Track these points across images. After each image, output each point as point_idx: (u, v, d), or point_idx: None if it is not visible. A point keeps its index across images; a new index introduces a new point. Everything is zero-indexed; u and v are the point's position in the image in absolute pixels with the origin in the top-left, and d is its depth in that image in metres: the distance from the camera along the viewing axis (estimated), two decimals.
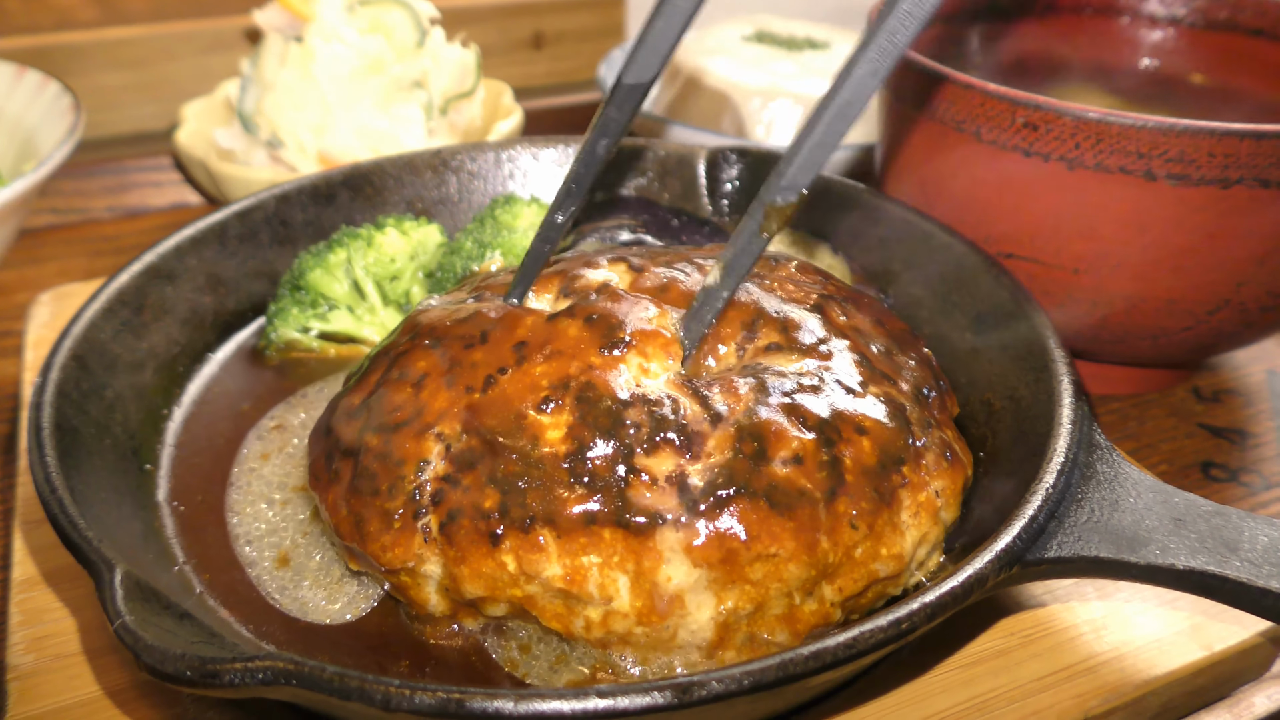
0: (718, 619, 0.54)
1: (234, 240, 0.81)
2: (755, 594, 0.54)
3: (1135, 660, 0.60)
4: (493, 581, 0.55)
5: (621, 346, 0.59)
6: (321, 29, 1.11)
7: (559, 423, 0.56)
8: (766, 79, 1.30)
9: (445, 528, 0.55)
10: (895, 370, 0.64)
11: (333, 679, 0.44)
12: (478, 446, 0.56)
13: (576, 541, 0.54)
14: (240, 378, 0.78)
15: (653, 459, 0.55)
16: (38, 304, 0.90)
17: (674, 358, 0.60)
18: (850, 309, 0.68)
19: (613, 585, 0.54)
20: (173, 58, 1.43)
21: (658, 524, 0.53)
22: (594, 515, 0.54)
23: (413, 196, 0.90)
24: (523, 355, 0.59)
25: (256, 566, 0.62)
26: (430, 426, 0.58)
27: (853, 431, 0.58)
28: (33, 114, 1.13)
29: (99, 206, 1.25)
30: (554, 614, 0.55)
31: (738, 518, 0.53)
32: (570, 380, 0.58)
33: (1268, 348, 0.98)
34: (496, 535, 0.54)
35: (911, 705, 0.58)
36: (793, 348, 0.63)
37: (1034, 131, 0.73)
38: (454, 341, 0.62)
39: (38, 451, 0.58)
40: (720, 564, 0.53)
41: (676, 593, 0.53)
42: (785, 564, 0.54)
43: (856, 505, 0.56)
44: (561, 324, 0.61)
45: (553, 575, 0.54)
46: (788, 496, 0.54)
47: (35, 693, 0.57)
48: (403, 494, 0.57)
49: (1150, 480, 0.57)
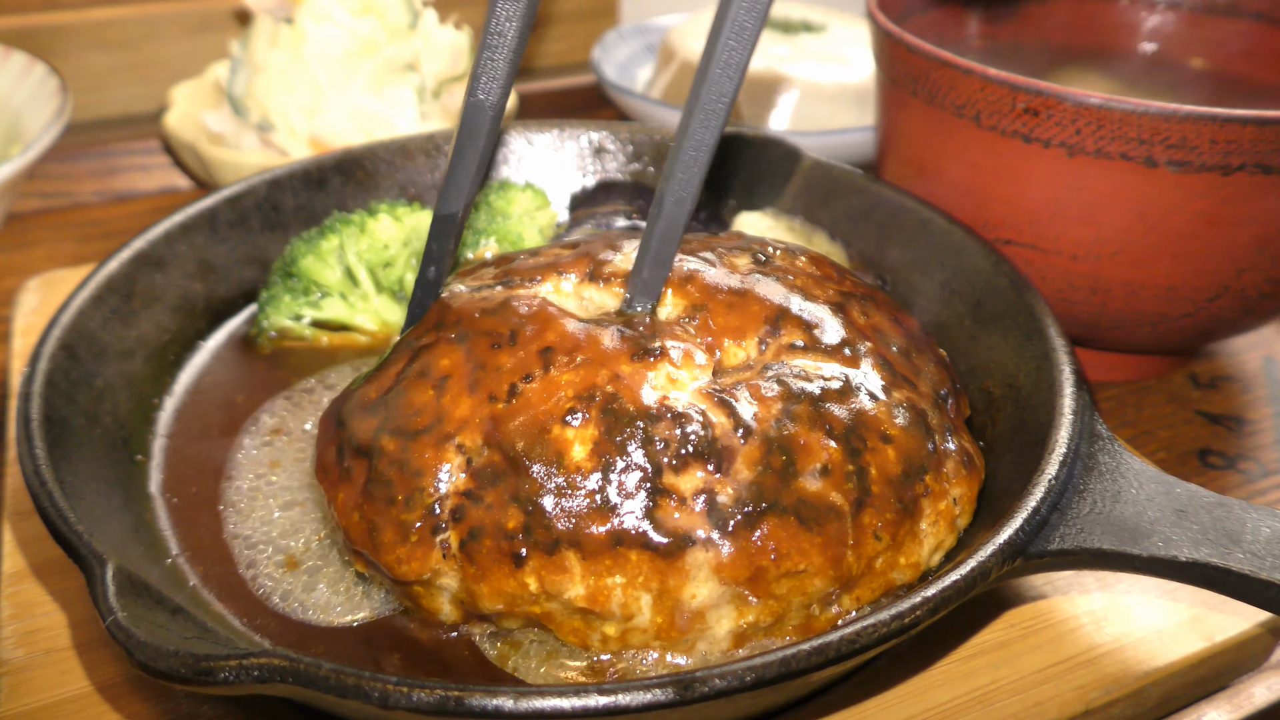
0: (736, 631, 0.54)
1: (225, 226, 0.80)
2: (777, 608, 0.53)
3: (1136, 651, 0.60)
4: (512, 599, 0.54)
5: (654, 355, 0.58)
6: (312, 10, 1.10)
7: (584, 437, 0.54)
8: (762, 62, 1.28)
9: (466, 545, 0.54)
10: (915, 373, 0.63)
11: (329, 676, 0.44)
12: (500, 462, 0.55)
13: (602, 563, 0.52)
14: (232, 366, 0.77)
15: (681, 477, 0.54)
16: (25, 290, 0.89)
17: (703, 370, 0.59)
18: (870, 307, 0.66)
19: (635, 604, 0.53)
20: (161, 39, 1.41)
21: (686, 545, 0.52)
22: (621, 536, 0.52)
23: (406, 181, 0.89)
24: (549, 361, 0.58)
25: (251, 559, 0.61)
26: (451, 437, 0.56)
27: (878, 440, 0.57)
28: (19, 96, 1.11)
29: (86, 190, 1.24)
30: (571, 629, 0.54)
31: (769, 536, 0.52)
32: (596, 391, 0.56)
33: (1265, 334, 0.98)
34: (520, 556, 0.53)
35: (912, 698, 0.57)
36: (816, 348, 0.61)
37: (1034, 117, 0.73)
38: (480, 339, 0.60)
39: (26, 443, 0.57)
40: (748, 581, 0.52)
41: (699, 610, 0.53)
42: (811, 579, 0.53)
43: (882, 517, 0.55)
44: (592, 333, 0.59)
45: (575, 595, 0.53)
46: (817, 511, 0.54)
47: (26, 688, 0.56)
48: (421, 506, 0.55)
49: (1152, 471, 0.57)
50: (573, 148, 0.92)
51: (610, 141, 0.92)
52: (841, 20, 1.42)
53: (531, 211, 0.86)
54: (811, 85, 1.26)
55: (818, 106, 1.26)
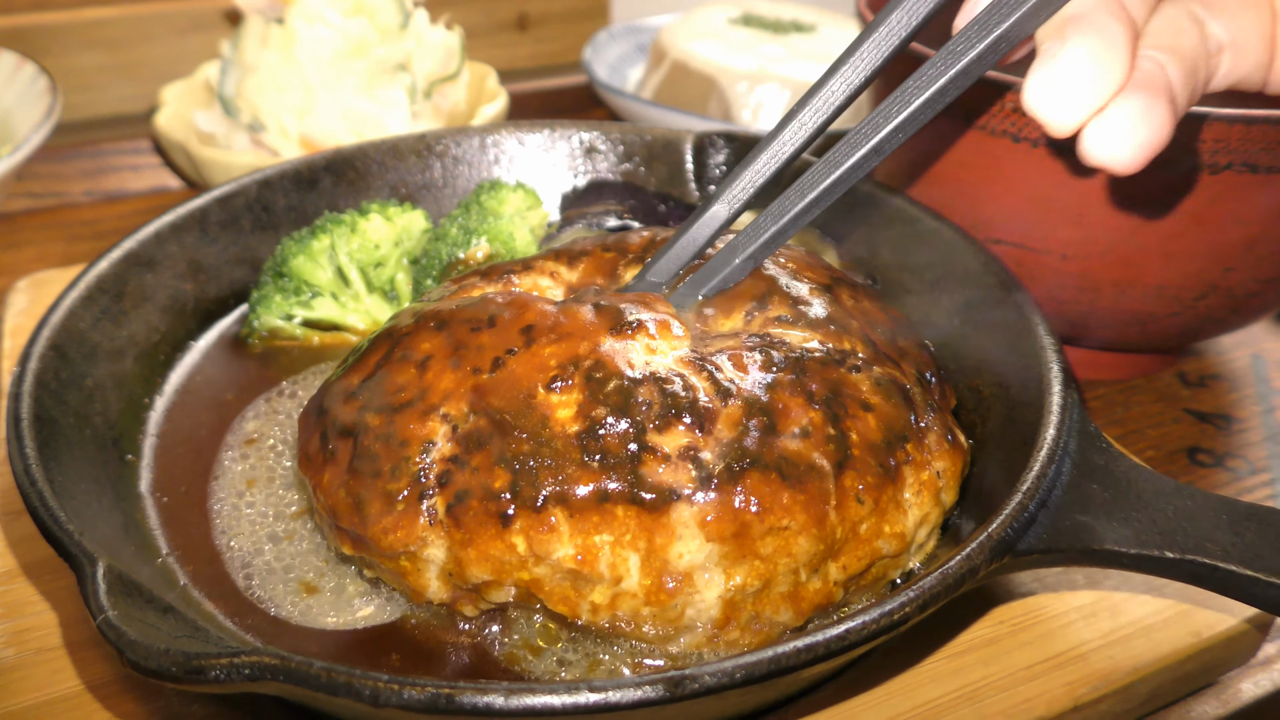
0: (725, 596, 0.54)
1: (215, 226, 0.80)
2: (764, 570, 0.54)
3: (1124, 647, 0.61)
4: (500, 564, 0.54)
5: (631, 328, 0.59)
6: (303, 10, 1.10)
7: (569, 401, 0.56)
8: (753, 62, 1.29)
9: (453, 509, 0.54)
10: (899, 355, 0.64)
11: (320, 674, 0.44)
12: (486, 427, 0.56)
13: (589, 520, 0.53)
14: (223, 366, 0.77)
15: (665, 435, 0.55)
16: (14, 291, 0.89)
17: (681, 341, 0.60)
18: (859, 295, 0.68)
19: (623, 564, 0.53)
20: (151, 39, 1.41)
21: (672, 499, 0.53)
22: (607, 493, 0.53)
23: (397, 181, 0.89)
24: (531, 338, 0.59)
25: (242, 559, 0.61)
26: (435, 407, 0.57)
27: (858, 408, 0.58)
28: (8, 96, 1.11)
29: (76, 190, 1.23)
30: (561, 596, 0.54)
31: (751, 490, 0.53)
32: (580, 360, 0.57)
33: (1253, 332, 0.98)
34: (507, 515, 0.53)
35: (901, 695, 0.57)
36: (800, 322, 0.63)
37: (1023, 117, 0.73)
38: (460, 325, 0.61)
39: (17, 443, 0.57)
40: (733, 538, 0.53)
41: (687, 570, 0.53)
42: (795, 537, 0.54)
43: (863, 479, 0.56)
44: (570, 309, 0.61)
45: (564, 555, 0.53)
46: (798, 469, 0.55)
47: (17, 687, 0.56)
48: (407, 475, 0.56)
49: (1140, 468, 0.57)
50: (564, 148, 0.93)
51: (601, 142, 0.92)
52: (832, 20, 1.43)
53: (523, 211, 0.86)
54: (802, 85, 1.26)
55: None
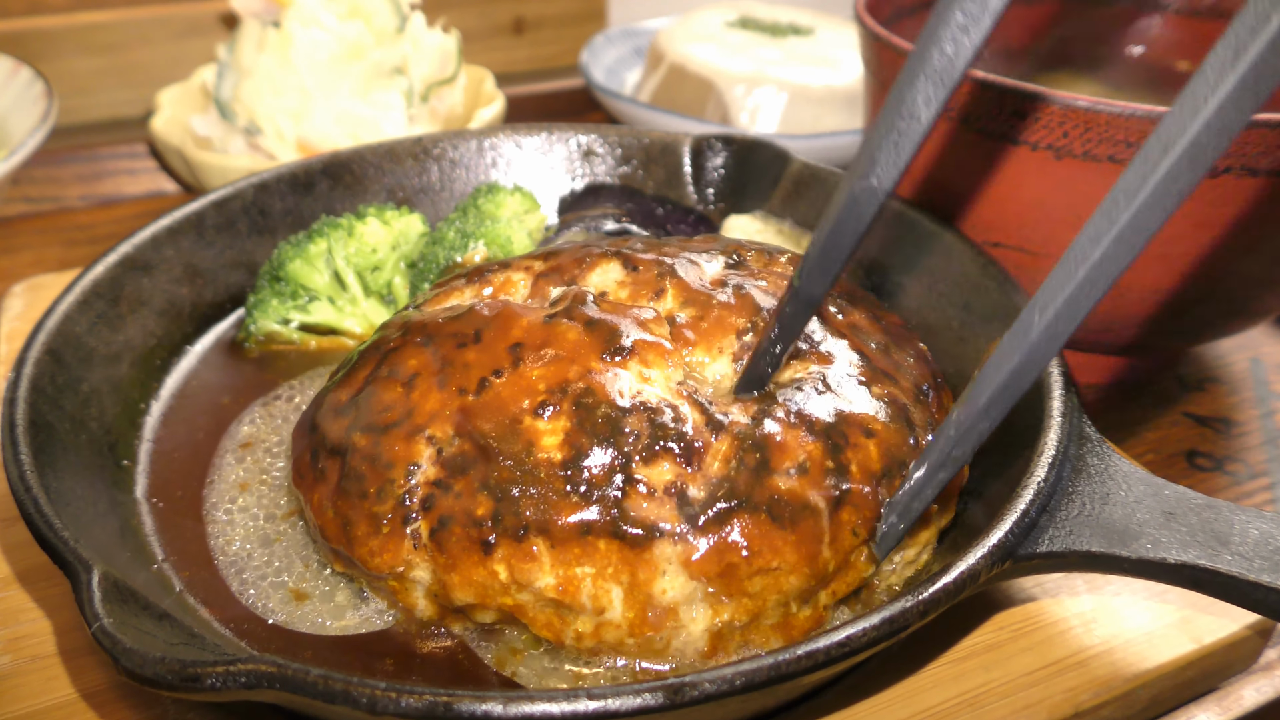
0: (712, 630, 0.53)
1: (211, 230, 0.80)
2: (752, 606, 0.53)
3: (1125, 653, 0.60)
4: (483, 589, 0.54)
5: (623, 353, 0.58)
6: (300, 14, 1.10)
7: (556, 429, 0.55)
8: (751, 65, 1.29)
9: (436, 534, 0.54)
10: (895, 368, 0.63)
11: (317, 682, 0.44)
12: (470, 451, 0.55)
13: (571, 552, 0.53)
14: (219, 371, 0.77)
15: (652, 469, 0.54)
16: (10, 295, 0.88)
17: (674, 367, 0.59)
18: (845, 305, 0.67)
19: (606, 596, 0.53)
20: (147, 43, 1.41)
21: (655, 536, 0.52)
22: (590, 525, 0.53)
23: (394, 185, 0.89)
24: (518, 357, 0.58)
25: (238, 566, 0.61)
26: (421, 429, 0.57)
27: (860, 435, 0.57)
28: (4, 100, 1.11)
29: (72, 195, 1.23)
30: (544, 623, 0.54)
31: (738, 531, 0.52)
32: (568, 385, 0.56)
33: (1252, 336, 0.98)
34: (489, 543, 0.53)
35: (902, 701, 0.57)
36: (792, 353, 0.61)
37: (1022, 120, 0.73)
38: (446, 339, 0.61)
39: (12, 449, 0.57)
40: (718, 578, 0.52)
41: (671, 605, 0.53)
42: (786, 576, 0.53)
43: (861, 514, 0.55)
44: (560, 327, 0.60)
45: (545, 585, 0.53)
46: (791, 509, 0.54)
47: (12, 695, 0.56)
48: (392, 498, 0.55)
49: (1141, 473, 0.57)
50: (561, 151, 0.92)
51: (599, 145, 0.92)
52: (829, 23, 1.42)
53: (520, 214, 0.86)
54: (800, 88, 1.26)
55: (806, 109, 1.26)
